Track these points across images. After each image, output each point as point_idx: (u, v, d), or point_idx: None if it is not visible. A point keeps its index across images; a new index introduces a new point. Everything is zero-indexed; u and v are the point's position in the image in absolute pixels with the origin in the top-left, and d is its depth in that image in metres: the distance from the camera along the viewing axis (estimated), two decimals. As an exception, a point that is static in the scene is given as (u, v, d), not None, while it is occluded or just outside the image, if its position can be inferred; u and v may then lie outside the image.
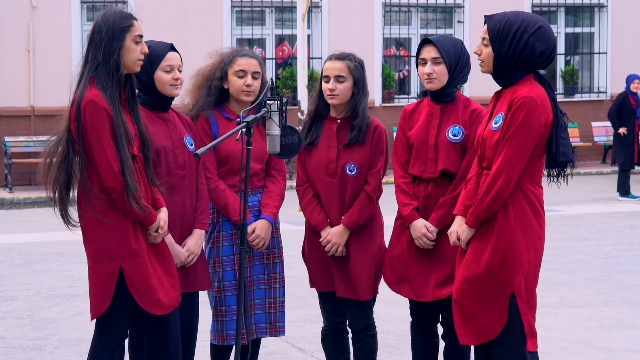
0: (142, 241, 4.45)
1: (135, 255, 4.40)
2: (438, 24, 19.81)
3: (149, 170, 4.54)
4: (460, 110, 5.02)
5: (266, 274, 5.15)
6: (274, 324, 5.17)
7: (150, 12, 16.99)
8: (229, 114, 5.13)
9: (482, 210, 4.38)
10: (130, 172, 4.35)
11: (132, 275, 4.39)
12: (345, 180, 5.10)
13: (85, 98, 4.34)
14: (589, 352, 6.45)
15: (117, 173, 4.33)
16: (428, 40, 5.00)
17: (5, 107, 16.94)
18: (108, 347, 4.48)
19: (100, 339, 4.50)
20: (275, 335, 5.21)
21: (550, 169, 4.49)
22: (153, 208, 4.49)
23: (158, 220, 4.48)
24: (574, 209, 13.59)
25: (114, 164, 4.33)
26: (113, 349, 4.49)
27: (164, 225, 4.51)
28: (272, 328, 5.17)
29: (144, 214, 4.41)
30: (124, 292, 4.41)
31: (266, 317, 5.15)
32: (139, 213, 4.38)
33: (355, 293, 5.08)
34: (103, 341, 4.49)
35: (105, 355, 4.48)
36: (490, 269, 4.37)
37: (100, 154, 4.33)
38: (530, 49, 4.36)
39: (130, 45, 4.44)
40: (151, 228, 4.47)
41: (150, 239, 4.49)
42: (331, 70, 5.09)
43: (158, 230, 4.49)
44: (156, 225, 4.48)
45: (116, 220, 4.38)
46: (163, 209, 4.56)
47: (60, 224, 4.64)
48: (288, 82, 18.24)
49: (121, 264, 4.39)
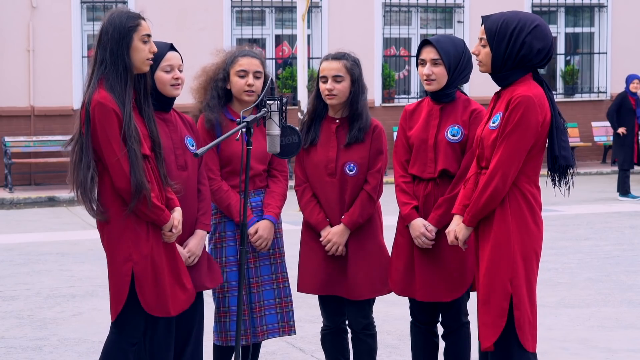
0: (154, 243, 4.44)
1: (147, 256, 4.41)
2: (438, 24, 19.81)
3: (161, 170, 4.54)
4: (459, 110, 5.02)
5: (274, 274, 5.16)
6: (287, 323, 5.17)
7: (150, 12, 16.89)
8: (231, 114, 5.13)
9: (479, 209, 4.39)
10: (141, 172, 4.34)
11: (141, 277, 4.40)
12: (344, 180, 5.10)
13: (94, 100, 4.34)
14: (589, 352, 6.45)
15: (127, 174, 4.33)
16: (428, 41, 5.00)
17: (5, 107, 16.94)
18: (122, 348, 4.49)
19: (115, 339, 4.50)
20: (288, 334, 5.21)
21: (552, 173, 4.50)
22: (167, 208, 4.49)
23: (172, 220, 4.48)
24: (574, 209, 13.59)
25: (125, 164, 4.33)
26: (127, 349, 4.49)
27: (178, 224, 4.51)
28: (285, 327, 5.17)
29: (157, 214, 4.41)
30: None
31: (277, 317, 5.15)
32: (151, 213, 4.38)
33: (354, 293, 5.08)
34: (118, 341, 4.49)
35: (120, 356, 4.48)
36: (489, 269, 4.37)
37: (110, 155, 4.33)
38: (527, 47, 4.36)
39: (138, 45, 4.44)
40: (165, 228, 4.47)
41: (165, 238, 4.49)
42: (328, 71, 5.09)
43: (172, 229, 4.49)
44: (170, 225, 4.47)
45: (129, 221, 4.38)
46: (177, 209, 4.56)
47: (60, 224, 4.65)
48: (288, 82, 18.24)
49: (133, 266, 4.39)
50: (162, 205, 4.45)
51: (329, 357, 5.35)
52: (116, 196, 4.38)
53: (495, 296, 4.37)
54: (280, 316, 5.16)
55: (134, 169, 4.33)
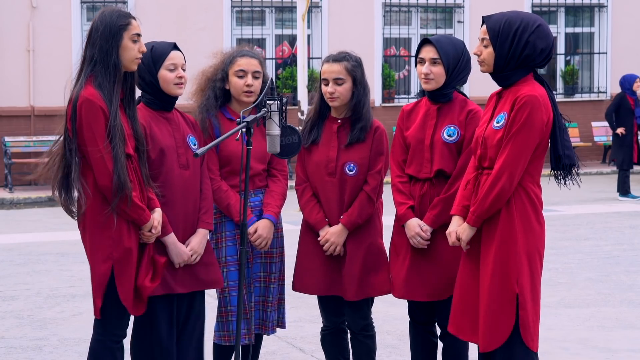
0: (134, 241, 4.46)
1: (127, 254, 4.42)
2: (438, 24, 19.81)
3: (143, 171, 4.55)
4: (456, 110, 5.02)
5: (262, 272, 5.16)
6: (264, 322, 5.17)
7: (150, 12, 16.99)
8: (230, 114, 5.13)
9: (485, 209, 4.38)
10: (124, 171, 4.36)
11: (119, 275, 4.41)
12: (344, 180, 5.10)
13: (82, 97, 4.35)
14: (589, 352, 6.45)
15: (111, 172, 4.34)
16: (428, 40, 5.01)
17: (5, 107, 16.94)
18: (107, 347, 4.50)
19: (99, 338, 4.52)
20: (264, 333, 5.22)
21: (556, 172, 4.50)
22: (147, 208, 4.50)
23: (152, 220, 4.49)
24: (574, 209, 13.59)
25: (109, 162, 4.34)
26: (113, 347, 4.51)
27: (158, 225, 4.53)
28: (262, 326, 5.18)
29: (138, 213, 4.42)
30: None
31: (260, 314, 5.16)
32: (132, 212, 4.39)
33: (351, 293, 5.08)
34: (102, 340, 4.51)
35: (106, 355, 4.49)
36: (496, 270, 4.36)
37: (95, 152, 4.34)
38: (531, 47, 4.37)
39: (128, 43, 4.45)
40: (144, 228, 4.49)
41: (144, 238, 4.51)
42: (329, 74, 5.09)
43: (151, 230, 4.50)
44: (149, 225, 4.49)
45: (110, 219, 4.39)
46: (157, 209, 4.57)
47: (60, 224, 4.66)
48: (288, 82, 18.24)
49: (113, 264, 4.41)
50: (142, 205, 4.46)
51: (329, 357, 5.35)
52: (98, 193, 4.39)
53: (503, 297, 4.35)
54: (262, 314, 5.15)
55: (117, 167, 4.34)
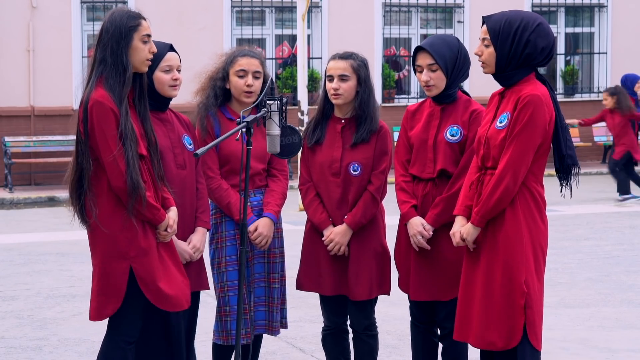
0: (151, 240, 4.45)
1: (145, 253, 4.41)
2: (438, 24, 19.81)
3: (157, 170, 4.54)
4: (460, 110, 5.02)
5: (266, 273, 5.16)
6: (270, 323, 5.17)
7: (150, 12, 16.89)
8: (230, 114, 5.13)
9: (489, 209, 4.38)
10: (137, 171, 4.36)
11: (142, 273, 4.40)
12: (348, 180, 5.11)
13: (92, 99, 4.35)
14: (589, 352, 6.45)
15: (124, 173, 4.33)
16: (422, 47, 4.98)
17: (5, 107, 16.94)
18: (120, 347, 4.49)
19: (112, 338, 4.50)
20: (270, 334, 5.21)
21: (559, 172, 4.51)
22: (162, 207, 4.50)
23: (167, 219, 4.49)
24: (574, 209, 13.58)
25: (121, 163, 4.34)
26: (125, 348, 4.49)
27: (173, 224, 4.52)
28: (269, 327, 5.18)
29: (153, 212, 4.41)
30: (135, 292, 4.42)
31: (266, 315, 5.16)
32: (147, 212, 4.39)
33: (355, 293, 5.08)
34: (115, 341, 4.49)
35: (118, 355, 4.48)
36: (505, 270, 4.36)
37: (107, 154, 4.34)
38: (532, 46, 4.37)
39: (138, 45, 4.44)
40: (160, 227, 4.48)
41: (160, 237, 4.50)
42: (335, 70, 5.09)
43: (167, 229, 4.50)
44: (165, 224, 4.48)
45: (125, 220, 4.38)
46: (172, 208, 4.57)
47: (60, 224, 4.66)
48: (288, 82, 18.24)
49: (131, 264, 4.40)
50: (157, 205, 4.45)
51: (329, 357, 5.34)
52: (112, 195, 4.38)
53: (512, 297, 4.35)
54: (268, 315, 5.15)
55: (130, 168, 4.33)
